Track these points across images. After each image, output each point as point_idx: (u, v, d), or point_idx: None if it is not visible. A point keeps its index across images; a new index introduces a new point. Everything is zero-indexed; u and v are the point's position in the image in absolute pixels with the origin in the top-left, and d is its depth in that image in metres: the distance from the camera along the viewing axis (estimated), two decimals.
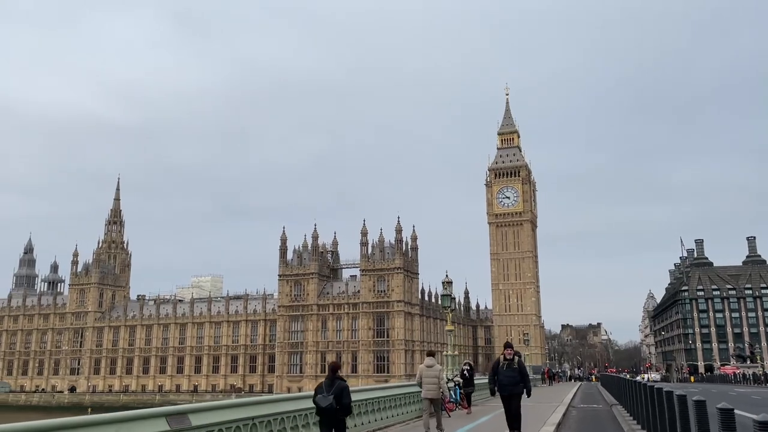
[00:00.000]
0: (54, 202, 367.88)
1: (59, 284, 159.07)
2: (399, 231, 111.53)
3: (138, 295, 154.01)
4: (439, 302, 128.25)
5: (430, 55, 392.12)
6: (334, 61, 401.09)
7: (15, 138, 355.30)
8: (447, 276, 22.28)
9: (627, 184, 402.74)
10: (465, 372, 20.87)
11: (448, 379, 19.06)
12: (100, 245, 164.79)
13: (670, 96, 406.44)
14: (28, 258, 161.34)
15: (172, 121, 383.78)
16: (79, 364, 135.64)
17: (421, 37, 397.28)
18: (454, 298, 24.18)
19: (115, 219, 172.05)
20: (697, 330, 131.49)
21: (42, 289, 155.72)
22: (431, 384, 15.92)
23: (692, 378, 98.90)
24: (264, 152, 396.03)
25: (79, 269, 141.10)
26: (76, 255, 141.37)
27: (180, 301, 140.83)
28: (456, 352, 23.85)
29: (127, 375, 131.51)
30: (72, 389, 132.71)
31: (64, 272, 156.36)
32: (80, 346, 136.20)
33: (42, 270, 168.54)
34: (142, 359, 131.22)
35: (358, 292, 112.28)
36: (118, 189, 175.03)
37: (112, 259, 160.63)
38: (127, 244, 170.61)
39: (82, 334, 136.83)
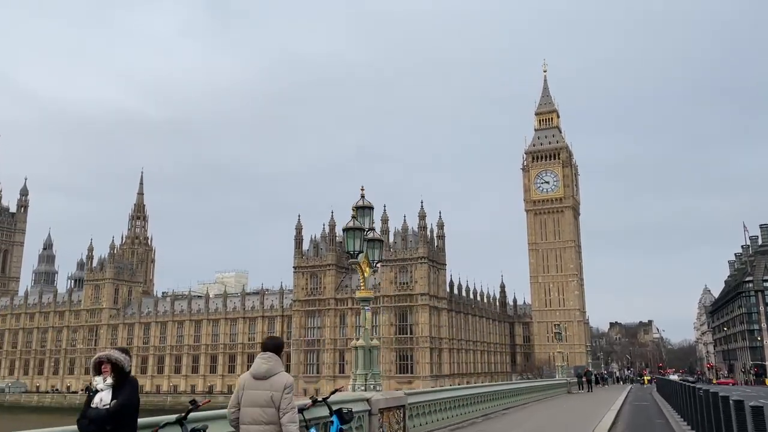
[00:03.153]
0: (91, 200, 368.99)
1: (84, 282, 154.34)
2: (422, 217, 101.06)
3: (163, 292, 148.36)
4: (462, 294, 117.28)
5: (467, 40, 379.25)
6: (367, 49, 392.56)
7: (56, 138, 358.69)
8: (363, 199, 12.43)
9: (678, 174, 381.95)
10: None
11: (317, 401, 8.90)
12: (123, 241, 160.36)
13: (731, 82, 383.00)
14: (47, 254, 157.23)
15: (209, 116, 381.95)
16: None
17: (459, 22, 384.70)
18: (381, 241, 12.82)
19: (139, 214, 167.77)
20: (763, 325, 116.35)
21: (70, 287, 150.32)
22: (260, 419, 6.49)
23: (766, 380, 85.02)
24: (300, 147, 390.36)
25: (95, 265, 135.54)
26: (91, 250, 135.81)
27: (198, 297, 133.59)
28: (376, 342, 13.02)
29: (141, 375, 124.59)
30: (87, 389, 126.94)
31: None
32: (95, 345, 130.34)
33: (71, 268, 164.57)
34: (157, 358, 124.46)
35: (379, 284, 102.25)
36: (141, 183, 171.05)
37: (135, 255, 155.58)
38: (151, 239, 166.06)
39: (96, 332, 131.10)
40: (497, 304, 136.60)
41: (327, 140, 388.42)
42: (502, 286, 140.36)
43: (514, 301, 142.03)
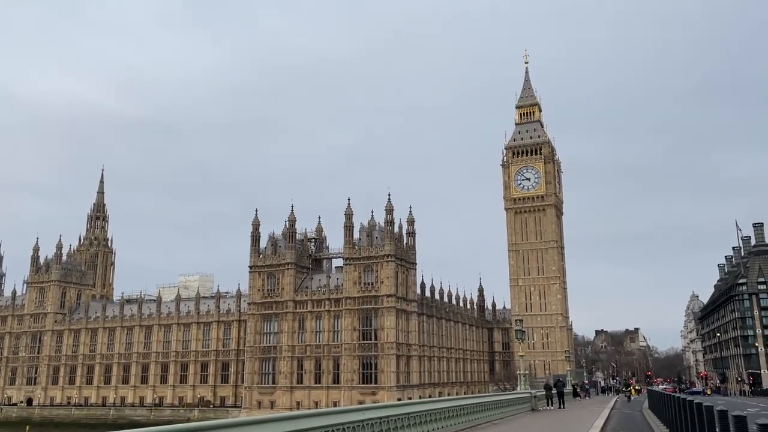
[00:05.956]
0: (63, 201, 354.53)
1: None
2: (389, 211, 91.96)
3: (120, 297, 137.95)
4: (435, 297, 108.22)
5: (450, 38, 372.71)
6: (348, 46, 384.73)
7: (25, 135, 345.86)
8: None
9: (665, 180, 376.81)
10: None
11: None
12: (81, 242, 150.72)
13: (724, 85, 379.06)
14: None
15: (188, 113, 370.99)
16: (36, 372, 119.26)
17: (441, 18, 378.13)
18: None
19: (99, 214, 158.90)
20: (758, 331, 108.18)
21: (13, 290, 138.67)
22: None
23: None
24: (282, 146, 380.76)
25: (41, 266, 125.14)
26: (36, 250, 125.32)
27: (152, 300, 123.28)
28: None
29: (87, 385, 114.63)
30: (29, 401, 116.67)
31: None
32: (38, 353, 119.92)
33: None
34: (104, 367, 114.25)
35: (341, 285, 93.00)
36: (102, 182, 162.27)
37: (88, 256, 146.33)
38: (111, 241, 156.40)
39: (40, 338, 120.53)
40: (475, 308, 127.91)
41: (309, 138, 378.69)
42: (480, 290, 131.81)
43: (493, 305, 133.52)
